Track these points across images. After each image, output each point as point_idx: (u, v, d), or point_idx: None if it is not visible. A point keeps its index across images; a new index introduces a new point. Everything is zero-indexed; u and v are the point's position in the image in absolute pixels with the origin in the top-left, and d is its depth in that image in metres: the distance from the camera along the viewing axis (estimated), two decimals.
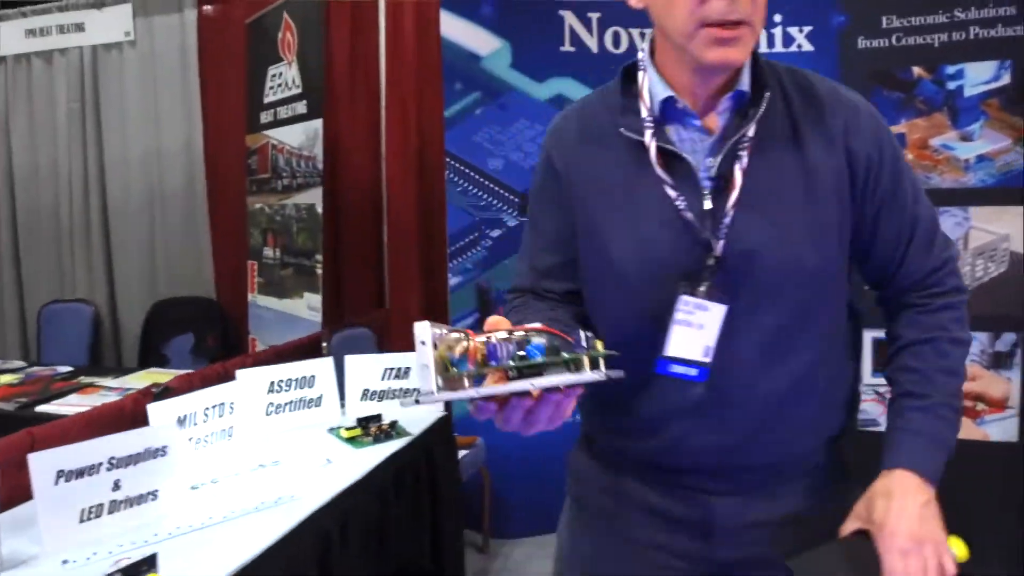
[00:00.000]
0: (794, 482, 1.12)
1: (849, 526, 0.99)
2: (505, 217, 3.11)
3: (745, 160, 1.03)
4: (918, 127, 2.89)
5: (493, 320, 0.83)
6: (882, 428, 1.04)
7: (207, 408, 2.00)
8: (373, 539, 1.96)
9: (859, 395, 1.20)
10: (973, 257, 2.83)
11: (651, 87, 1.07)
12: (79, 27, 4.21)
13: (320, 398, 2.37)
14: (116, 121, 4.22)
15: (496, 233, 3.12)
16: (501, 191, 3.10)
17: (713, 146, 1.05)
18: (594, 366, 0.81)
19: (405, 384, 2.42)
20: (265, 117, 3.59)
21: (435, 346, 0.74)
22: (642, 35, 3.08)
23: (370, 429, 2.19)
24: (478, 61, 3.05)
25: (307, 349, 2.88)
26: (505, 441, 3.06)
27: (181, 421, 1.93)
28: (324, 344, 2.91)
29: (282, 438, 2.17)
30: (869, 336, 1.24)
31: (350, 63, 3.69)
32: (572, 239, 1.12)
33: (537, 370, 0.78)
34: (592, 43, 3.07)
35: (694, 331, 1.02)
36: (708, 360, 1.02)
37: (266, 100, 3.58)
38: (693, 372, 1.02)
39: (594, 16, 3.06)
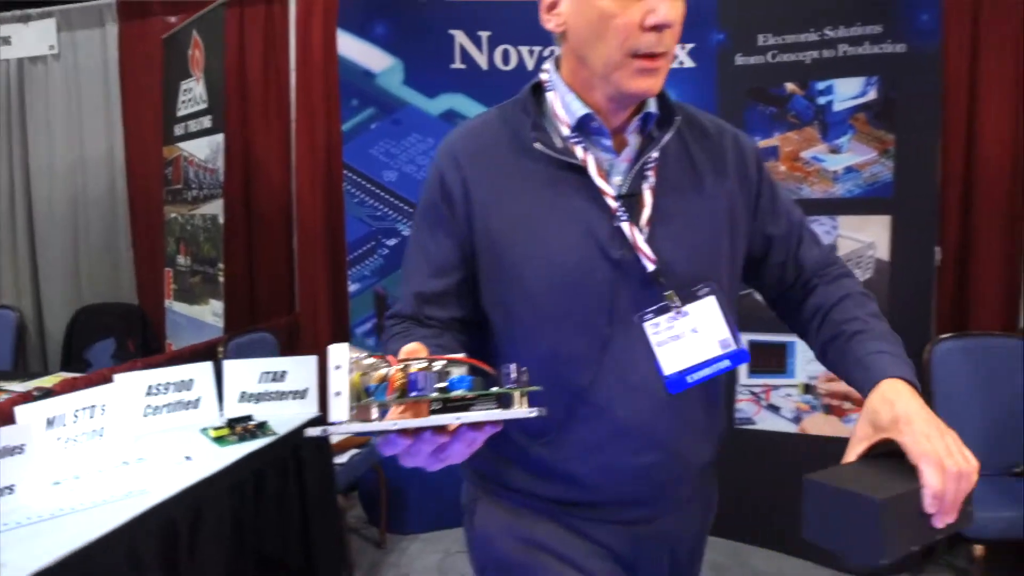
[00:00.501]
0: (699, 489, 1.17)
1: (855, 448, 0.93)
2: (400, 227, 3.24)
3: (652, 180, 1.06)
4: (790, 140, 3.06)
5: (411, 347, 0.79)
6: (757, 427, 1.13)
7: (78, 410, 2.11)
8: (230, 532, 2.08)
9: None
10: None
11: (566, 106, 1.08)
12: (6, 40, 4.30)
13: (198, 400, 2.49)
14: (41, 131, 4.32)
15: (392, 242, 3.25)
16: (396, 202, 3.23)
17: (626, 166, 1.07)
18: (520, 401, 0.74)
19: (282, 387, 2.55)
20: (178, 130, 3.72)
21: (350, 371, 0.69)
22: (530, 52, 3.22)
23: (236, 428, 2.32)
24: (373, 78, 3.18)
25: (205, 354, 3.00)
26: None
27: (50, 422, 2.05)
28: (220, 349, 3.04)
29: (154, 438, 2.30)
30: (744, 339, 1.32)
31: (263, 78, 3.82)
32: (461, 264, 1.09)
33: (464, 404, 0.72)
34: (482, 61, 3.21)
35: (685, 340, 1.04)
36: (733, 346, 1.06)
37: (179, 113, 3.70)
38: (725, 364, 1.06)
39: (484, 35, 3.20)
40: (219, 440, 2.28)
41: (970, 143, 3.23)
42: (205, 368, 2.53)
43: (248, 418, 2.38)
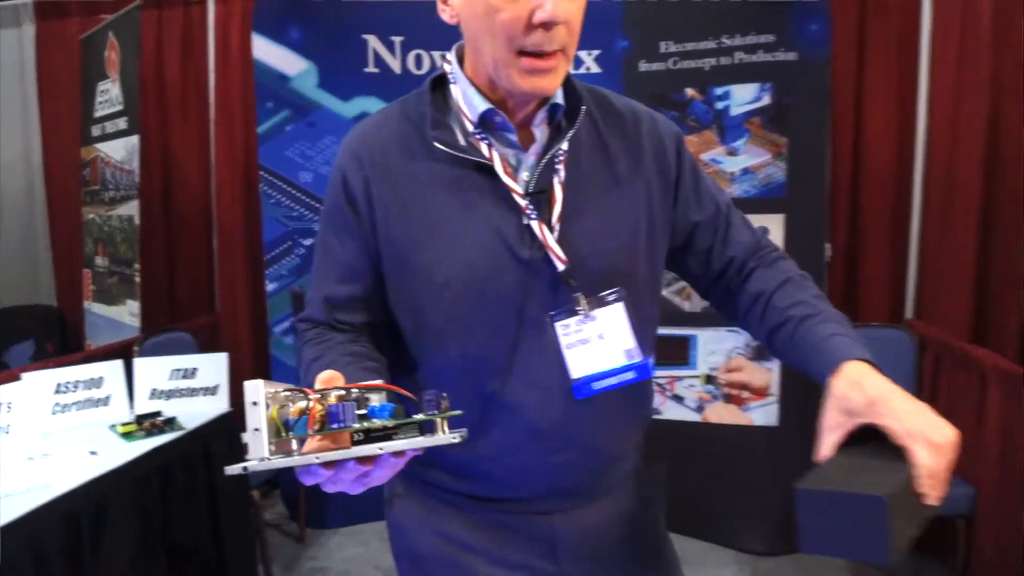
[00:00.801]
0: (624, 479, 1.14)
1: (829, 439, 0.89)
2: (316, 227, 3.27)
3: (563, 173, 1.01)
4: (691, 143, 3.19)
5: (327, 376, 0.77)
6: (663, 416, 1.10)
7: None
8: (136, 525, 2.14)
9: None
10: None
11: (467, 100, 1.02)
12: None
13: (108, 398, 2.54)
14: None
15: (308, 242, 3.30)
16: (312, 202, 3.29)
17: (534, 161, 1.02)
18: (443, 428, 0.74)
19: (193, 383, 2.60)
20: (95, 131, 3.72)
21: (267, 406, 0.68)
22: (443, 57, 3.28)
23: (144, 424, 2.37)
24: (287, 81, 3.23)
25: (120, 353, 3.02)
26: None
27: None
28: (135, 348, 3.06)
29: (63, 435, 2.34)
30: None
31: (182, 79, 3.84)
32: (369, 268, 1.04)
33: (386, 433, 0.72)
34: (395, 65, 3.28)
35: (593, 346, 1.00)
36: (638, 357, 1.00)
37: (96, 115, 3.70)
38: (630, 375, 1.00)
39: (397, 40, 3.27)
40: (126, 436, 2.32)
41: (857, 145, 3.41)
42: (115, 366, 2.57)
43: (157, 414, 2.44)
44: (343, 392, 0.74)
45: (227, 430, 2.56)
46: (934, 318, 3.27)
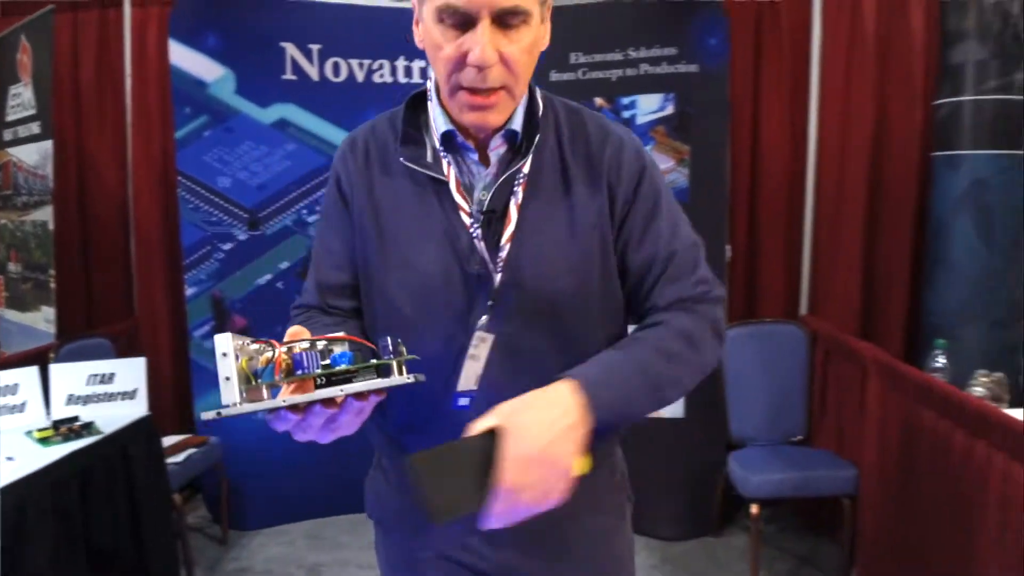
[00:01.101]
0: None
1: (485, 422, 0.88)
2: (235, 232, 3.33)
3: (520, 195, 1.04)
4: None
5: (293, 330, 0.84)
6: None
7: None
8: (54, 529, 2.16)
9: None
10: None
11: (435, 120, 1.07)
12: None
13: (24, 404, 2.54)
14: None
15: (228, 246, 3.33)
16: (231, 207, 3.32)
17: (488, 180, 1.06)
18: (399, 370, 0.81)
19: (110, 388, 2.63)
20: (7, 135, 3.67)
21: (236, 357, 0.74)
22: (360, 65, 3.39)
23: (61, 429, 2.39)
24: (205, 87, 3.25)
25: (34, 360, 3.00)
26: (241, 440, 3.29)
27: None
28: (51, 355, 3.05)
29: None
30: None
31: (97, 83, 3.81)
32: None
33: (346, 377, 0.79)
34: (313, 72, 3.34)
35: (474, 363, 1.03)
36: (474, 387, 1.03)
37: (8, 119, 3.65)
38: (465, 401, 1.03)
39: (315, 48, 3.33)
40: (43, 441, 2.34)
41: (755, 153, 3.63)
42: (31, 372, 2.57)
43: (74, 419, 2.45)
44: (307, 344, 0.81)
45: (146, 433, 2.59)
46: (825, 314, 3.51)
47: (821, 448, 3.12)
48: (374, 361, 0.81)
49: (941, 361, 2.54)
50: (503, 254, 1.02)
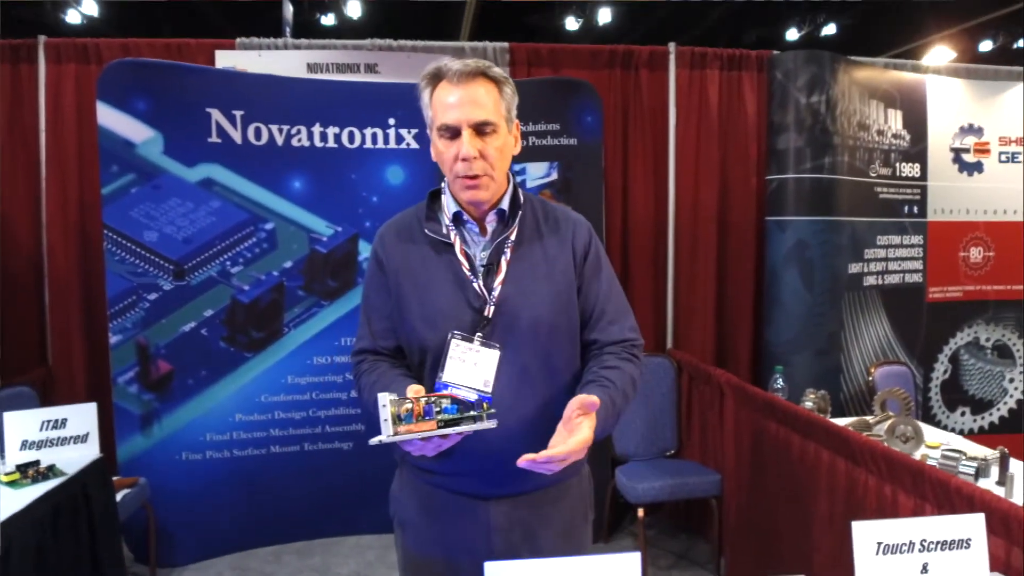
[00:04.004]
0: (547, 486, 1.54)
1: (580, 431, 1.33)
2: (161, 282, 3.47)
3: (508, 254, 1.50)
4: None
5: (415, 389, 1.30)
6: None
7: None
8: (35, 566, 2.33)
9: None
10: None
11: (447, 205, 1.53)
12: None
13: None
14: None
15: (153, 296, 3.47)
16: (157, 259, 3.46)
17: (486, 244, 1.51)
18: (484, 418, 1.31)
19: (63, 433, 2.79)
20: None
21: (387, 406, 1.20)
22: (280, 130, 3.64)
23: (28, 472, 2.56)
24: (133, 147, 3.41)
25: None
26: (168, 480, 3.46)
27: None
28: None
29: None
30: None
31: (9, 137, 3.87)
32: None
33: (455, 420, 1.27)
34: (236, 135, 3.56)
35: (468, 367, 1.41)
36: (488, 389, 1.40)
37: None
38: (472, 396, 1.36)
39: (238, 113, 3.56)
40: (12, 484, 2.50)
41: (625, 212, 4.23)
42: None
43: (37, 462, 2.62)
44: (427, 398, 1.27)
45: (101, 474, 2.77)
46: (687, 347, 4.15)
47: (689, 459, 3.67)
48: (472, 413, 1.31)
49: (780, 383, 3.18)
50: (495, 294, 1.46)
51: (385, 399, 1.20)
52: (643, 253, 4.23)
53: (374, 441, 1.21)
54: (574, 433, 1.31)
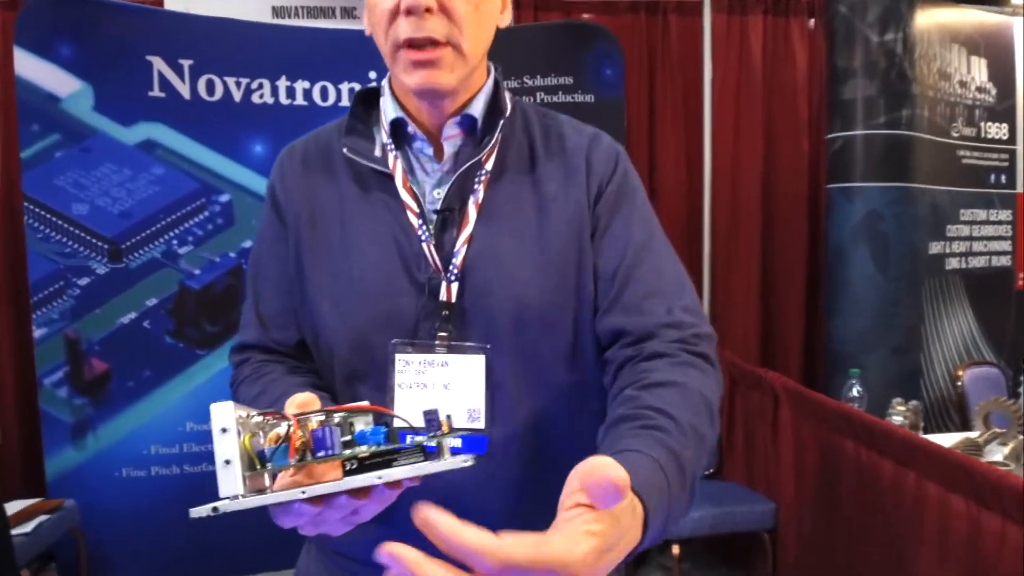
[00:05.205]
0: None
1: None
2: (93, 264, 2.98)
3: (480, 193, 0.93)
4: None
5: (302, 399, 0.69)
6: None
7: None
8: None
9: None
10: None
11: (384, 110, 0.98)
12: None
13: None
14: None
15: (84, 281, 2.97)
16: (88, 237, 2.97)
17: (444, 175, 0.95)
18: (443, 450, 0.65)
19: None
20: None
21: (239, 434, 0.61)
22: (237, 84, 3.13)
23: None
24: (57, 102, 2.91)
25: None
26: (105, 501, 2.99)
27: None
28: None
29: None
30: None
31: None
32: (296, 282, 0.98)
33: (385, 460, 0.63)
34: (184, 89, 3.05)
35: (434, 392, 0.88)
36: (479, 424, 0.87)
37: None
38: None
39: (186, 63, 3.04)
40: None
41: (651, 183, 3.74)
42: None
43: None
44: (323, 417, 0.65)
45: None
46: (726, 343, 3.60)
47: (732, 481, 3.13)
48: (418, 439, 0.64)
49: (857, 390, 2.56)
50: (458, 260, 0.90)
51: (227, 414, 0.61)
52: (673, 231, 3.70)
53: (201, 511, 0.60)
54: (557, 536, 0.56)
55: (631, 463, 0.62)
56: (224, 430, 0.60)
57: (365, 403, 0.71)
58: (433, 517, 0.52)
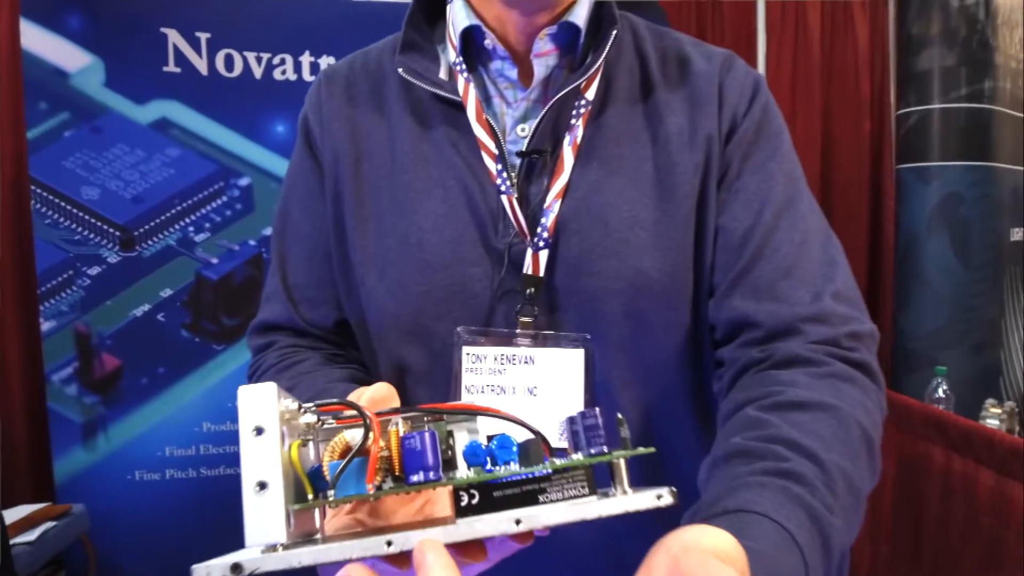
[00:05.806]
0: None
1: None
2: (104, 252, 2.82)
3: (580, 130, 0.71)
4: None
5: (378, 392, 0.48)
6: None
7: None
8: None
9: None
10: None
11: (454, 19, 0.75)
12: None
13: None
14: None
15: (94, 271, 2.82)
16: (98, 223, 2.81)
17: (531, 105, 0.74)
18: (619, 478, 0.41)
19: None
20: None
21: (283, 439, 0.39)
22: (258, 60, 2.95)
23: None
24: (66, 78, 2.76)
25: None
26: (117, 506, 2.86)
27: None
28: None
29: None
30: None
31: None
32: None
33: (530, 491, 0.39)
34: (201, 65, 2.89)
35: (510, 399, 0.66)
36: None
37: None
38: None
39: (203, 36, 2.89)
40: None
41: None
42: None
43: None
44: (414, 414, 0.42)
45: None
46: None
47: None
48: (578, 458, 0.40)
49: (943, 390, 2.30)
50: (549, 219, 0.68)
51: (264, 403, 0.36)
52: None
53: (211, 571, 0.38)
54: None
55: (751, 535, 0.44)
56: (259, 430, 0.38)
57: (462, 402, 0.49)
58: None
